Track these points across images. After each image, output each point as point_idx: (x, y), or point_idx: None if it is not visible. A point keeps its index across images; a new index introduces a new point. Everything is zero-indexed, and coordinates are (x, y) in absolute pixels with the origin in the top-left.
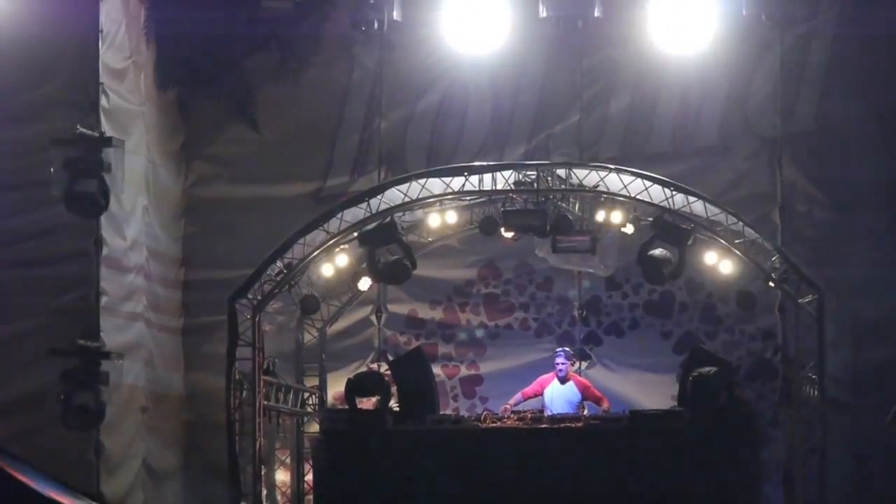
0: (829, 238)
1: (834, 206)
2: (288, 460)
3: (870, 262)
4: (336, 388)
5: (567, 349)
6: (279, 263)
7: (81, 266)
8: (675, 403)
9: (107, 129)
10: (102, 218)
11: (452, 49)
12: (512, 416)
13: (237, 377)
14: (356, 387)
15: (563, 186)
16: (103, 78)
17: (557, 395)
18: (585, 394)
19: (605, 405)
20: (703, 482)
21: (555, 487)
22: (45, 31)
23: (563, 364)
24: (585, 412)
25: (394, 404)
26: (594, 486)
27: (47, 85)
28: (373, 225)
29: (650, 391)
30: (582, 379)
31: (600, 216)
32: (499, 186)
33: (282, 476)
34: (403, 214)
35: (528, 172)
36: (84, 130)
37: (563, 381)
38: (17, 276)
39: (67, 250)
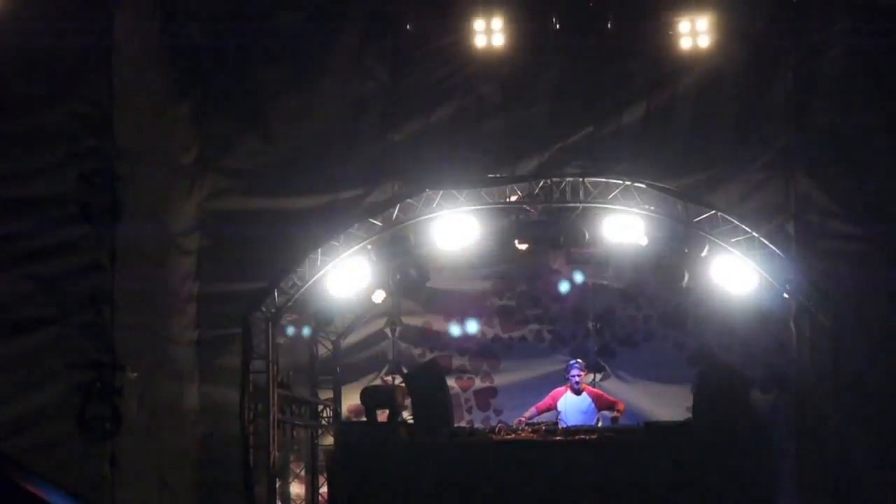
0: (843, 249)
1: (848, 217)
2: (302, 473)
3: (884, 273)
4: (350, 400)
5: (580, 361)
6: (293, 276)
7: (95, 279)
8: (690, 415)
9: (120, 142)
10: (118, 231)
11: (466, 61)
12: (526, 428)
13: (251, 390)
14: (371, 399)
15: (576, 198)
16: (117, 91)
17: (571, 407)
18: (599, 402)
19: (620, 407)
20: (718, 494)
21: (570, 500)
22: (59, 45)
23: (577, 376)
24: (600, 424)
25: (408, 416)
26: (609, 498)
27: (61, 99)
28: (386, 237)
29: (665, 402)
30: (594, 389)
31: (614, 228)
32: (512, 198)
33: (296, 489)
34: (418, 227)
35: (542, 184)
36: (98, 144)
37: (577, 392)
38: (32, 290)
39: (81, 264)
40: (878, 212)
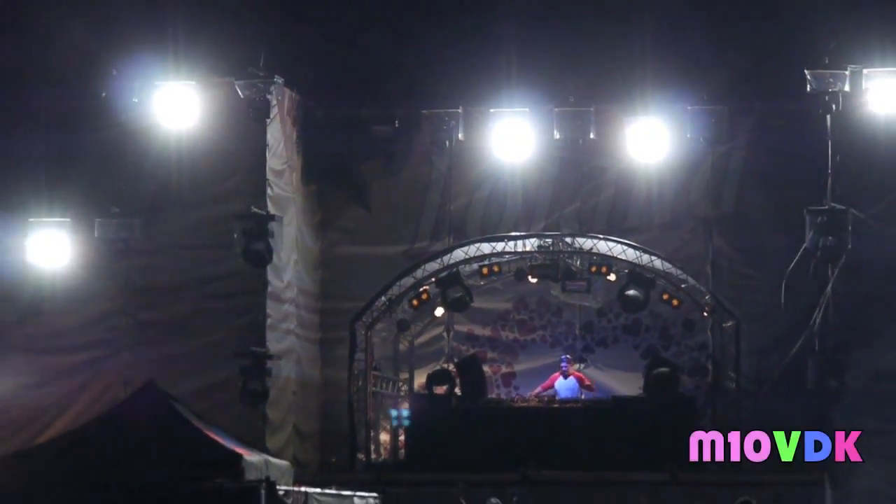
0: (743, 285)
1: (746, 263)
2: (388, 427)
3: (769, 300)
4: (420, 380)
5: (568, 356)
6: (383, 298)
7: (253, 298)
8: (642, 392)
9: (271, 209)
10: (268, 267)
11: (497, 158)
12: (534, 399)
13: (355, 372)
14: (433, 379)
15: (569, 249)
16: (269, 175)
17: (562, 386)
18: (581, 383)
19: (588, 382)
20: (658, 443)
21: (562, 445)
22: (231, 143)
23: (565, 365)
24: (583, 397)
25: (457, 391)
26: (588, 444)
27: (232, 179)
28: (444, 273)
29: (625, 383)
30: (579, 374)
31: (594, 268)
32: (527, 248)
33: (384, 437)
34: (465, 266)
35: (546, 239)
36: (256, 210)
37: (565, 376)
38: (210, 305)
39: (244, 288)
40: (766, 259)
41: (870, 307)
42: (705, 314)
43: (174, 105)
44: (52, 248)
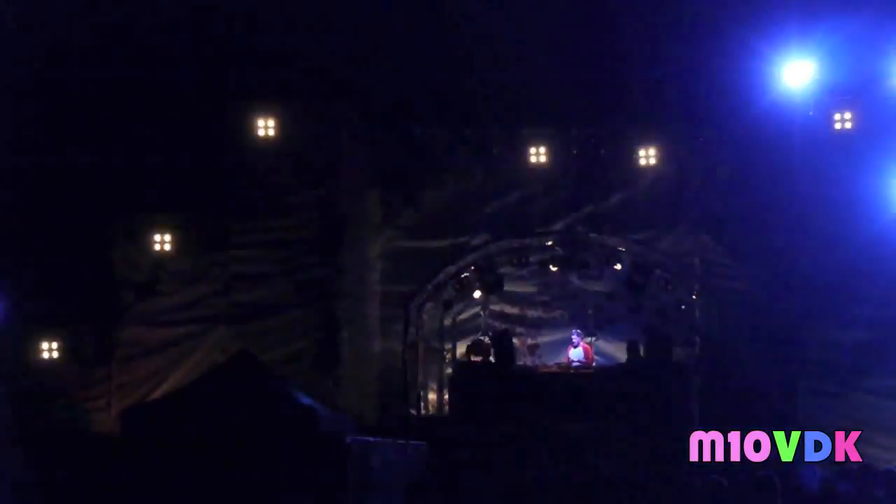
0: (724, 273)
1: (727, 255)
2: (435, 388)
3: (744, 286)
4: (461, 349)
5: (580, 331)
6: (431, 283)
7: (327, 285)
8: (643, 357)
9: (342, 210)
10: (339, 258)
11: (526, 169)
12: (554, 366)
13: (408, 343)
14: (471, 349)
15: (584, 244)
16: (340, 183)
17: (575, 355)
18: (586, 353)
19: (590, 357)
20: (657, 401)
21: (577, 402)
22: (308, 155)
23: (577, 338)
24: (594, 365)
25: (491, 359)
26: (598, 401)
27: (308, 187)
28: (482, 262)
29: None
30: (587, 346)
31: (603, 259)
32: (549, 243)
33: (431, 396)
34: (498, 257)
35: (565, 236)
36: (329, 211)
37: (576, 346)
38: (292, 289)
39: (320, 276)
40: (741, 251)
41: (832, 292)
42: (694, 297)
43: (263, 122)
44: (163, 240)
